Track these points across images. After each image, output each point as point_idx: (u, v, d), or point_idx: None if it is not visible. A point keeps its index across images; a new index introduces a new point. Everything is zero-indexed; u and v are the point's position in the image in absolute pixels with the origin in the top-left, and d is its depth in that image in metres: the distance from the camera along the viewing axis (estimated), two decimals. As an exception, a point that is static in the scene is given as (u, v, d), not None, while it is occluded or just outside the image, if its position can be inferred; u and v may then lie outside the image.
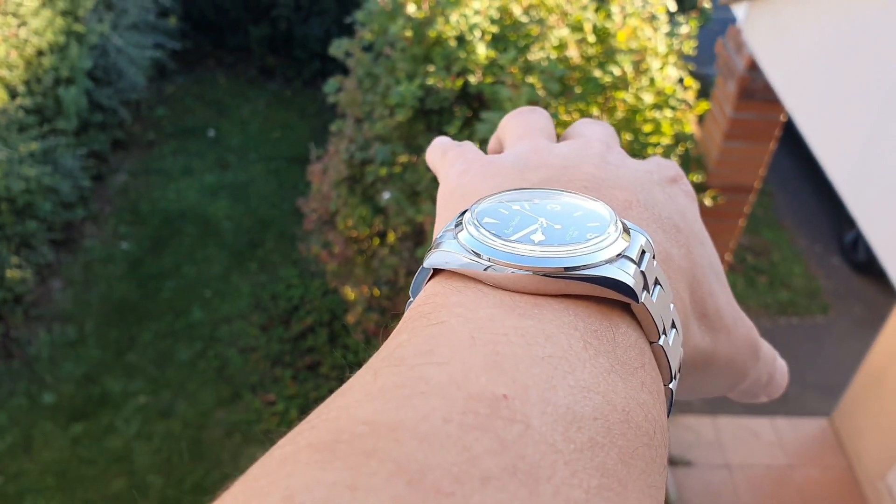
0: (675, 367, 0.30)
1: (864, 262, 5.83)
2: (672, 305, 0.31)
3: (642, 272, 0.29)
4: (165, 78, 7.06)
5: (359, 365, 0.27)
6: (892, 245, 2.23)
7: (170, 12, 6.83)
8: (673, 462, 4.29)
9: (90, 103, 5.73)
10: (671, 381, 0.30)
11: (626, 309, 0.29)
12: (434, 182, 3.14)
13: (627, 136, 3.20)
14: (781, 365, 0.45)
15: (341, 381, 0.27)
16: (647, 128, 3.22)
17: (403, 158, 3.25)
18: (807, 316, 5.52)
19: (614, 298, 0.28)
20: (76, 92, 5.32)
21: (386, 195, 3.21)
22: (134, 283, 5.10)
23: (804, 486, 4.29)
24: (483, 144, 3.09)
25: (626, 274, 0.28)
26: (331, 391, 0.27)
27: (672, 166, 0.41)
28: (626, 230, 0.30)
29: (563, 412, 0.23)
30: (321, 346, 4.70)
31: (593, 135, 0.42)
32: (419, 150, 3.28)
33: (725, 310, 0.37)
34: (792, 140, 6.10)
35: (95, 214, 5.58)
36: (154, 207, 5.70)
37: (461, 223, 0.31)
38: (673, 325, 0.31)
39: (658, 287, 0.30)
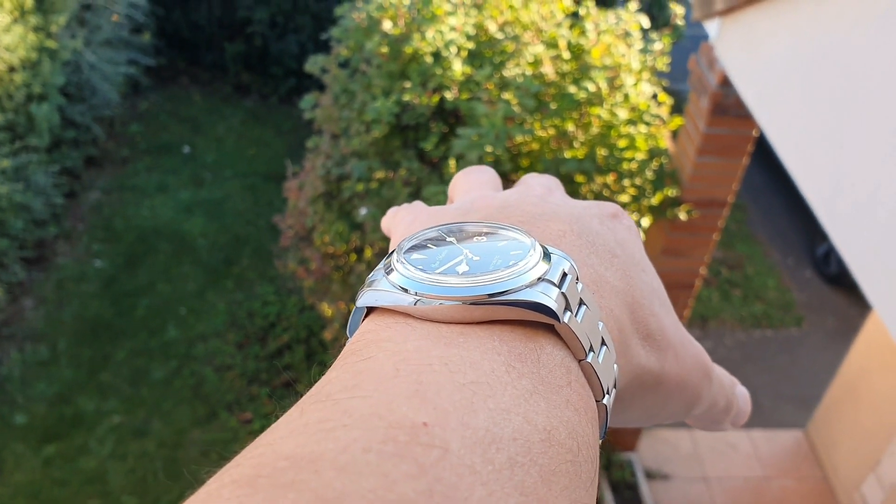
0: (607, 384, 0.31)
1: (837, 275, 5.91)
2: (601, 324, 0.32)
3: (563, 294, 0.30)
4: (139, 94, 7.01)
5: (311, 384, 0.28)
6: (864, 257, 2.26)
7: (144, 28, 6.80)
8: (651, 476, 4.30)
9: (63, 120, 5.68)
10: (604, 396, 0.31)
11: (551, 330, 0.30)
12: (412, 196, 3.14)
13: (602, 152, 3.23)
14: (742, 392, 0.46)
15: None
16: (622, 143, 3.25)
17: (380, 174, 3.25)
18: (781, 328, 5.57)
19: (538, 320, 0.29)
20: (48, 108, 5.27)
21: (363, 211, 3.21)
22: (107, 302, 5.04)
23: (781, 498, 4.32)
24: (459, 160, 3.10)
25: (546, 296, 0.29)
26: (284, 408, 0.27)
27: (612, 205, 0.42)
28: (547, 255, 0.32)
29: (483, 435, 0.23)
30: (298, 364, 4.67)
31: (537, 182, 0.44)
32: (396, 166, 3.28)
33: (671, 330, 0.38)
34: (764, 155, 6.18)
35: (68, 232, 5.51)
36: (128, 225, 5.65)
37: (390, 262, 0.32)
38: (603, 343, 0.32)
39: (584, 307, 0.31)
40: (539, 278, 0.30)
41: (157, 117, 6.85)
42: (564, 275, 0.31)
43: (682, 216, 3.46)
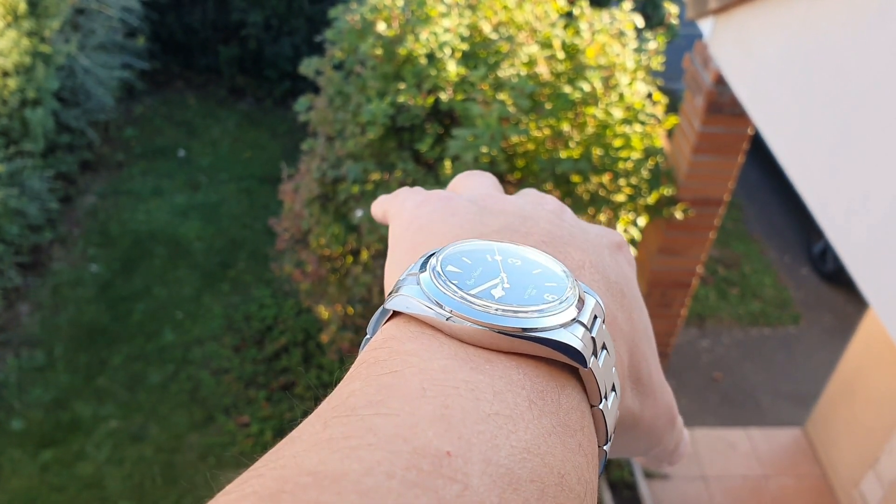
0: (611, 429, 0.31)
1: (833, 272, 5.91)
2: (614, 369, 0.32)
3: (592, 338, 0.30)
4: (134, 98, 7.00)
5: (333, 384, 0.27)
6: (860, 254, 2.26)
7: (138, 32, 6.79)
8: (650, 475, 4.30)
9: (57, 124, 5.67)
10: (606, 442, 0.31)
11: (572, 371, 0.30)
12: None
13: (598, 151, 3.23)
14: (686, 435, 0.47)
15: (317, 401, 0.27)
16: (618, 142, 3.25)
17: (375, 176, 3.24)
18: (778, 326, 5.58)
19: (564, 361, 0.29)
20: (43, 113, 5.26)
21: (358, 213, 3.20)
22: (104, 306, 5.02)
23: (780, 496, 4.32)
24: (455, 161, 3.09)
25: (577, 339, 0.29)
26: (305, 413, 0.27)
27: (617, 235, 0.43)
28: (580, 294, 0.32)
29: (503, 473, 0.24)
30: (295, 367, 4.66)
31: (544, 194, 0.44)
32: (391, 167, 3.28)
33: (655, 376, 0.39)
34: (760, 153, 6.19)
35: (64, 237, 5.50)
36: (124, 229, 5.64)
37: (425, 268, 0.32)
38: (613, 388, 0.32)
39: (605, 352, 0.31)
40: (572, 319, 0.30)
41: (151, 121, 6.84)
42: (594, 317, 0.31)
43: (679, 215, 3.46)
